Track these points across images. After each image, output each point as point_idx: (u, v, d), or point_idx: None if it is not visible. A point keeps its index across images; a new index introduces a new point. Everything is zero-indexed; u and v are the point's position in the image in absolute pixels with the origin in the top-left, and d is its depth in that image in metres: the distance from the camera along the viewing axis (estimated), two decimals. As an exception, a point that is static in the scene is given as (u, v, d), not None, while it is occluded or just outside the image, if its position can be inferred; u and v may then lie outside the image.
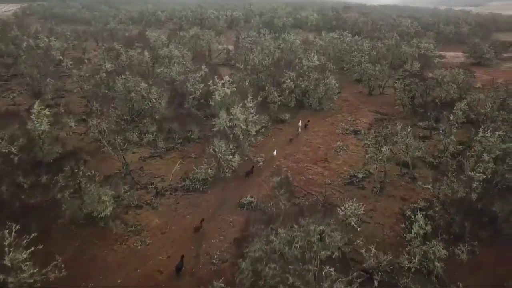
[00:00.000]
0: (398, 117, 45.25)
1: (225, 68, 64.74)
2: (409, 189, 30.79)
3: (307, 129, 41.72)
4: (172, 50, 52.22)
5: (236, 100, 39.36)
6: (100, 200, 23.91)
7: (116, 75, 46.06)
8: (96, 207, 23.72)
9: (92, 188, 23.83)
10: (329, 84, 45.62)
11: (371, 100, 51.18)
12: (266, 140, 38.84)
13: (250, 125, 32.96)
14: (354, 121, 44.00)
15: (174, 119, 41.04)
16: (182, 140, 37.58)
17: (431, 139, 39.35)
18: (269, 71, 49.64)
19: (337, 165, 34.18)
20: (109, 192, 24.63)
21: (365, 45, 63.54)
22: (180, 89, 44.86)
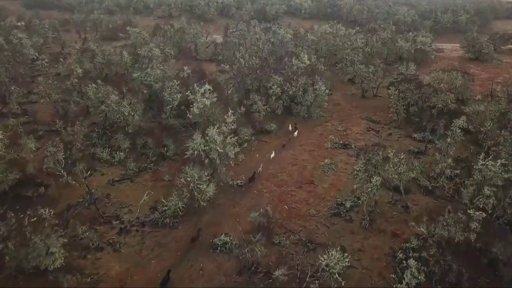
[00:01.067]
0: (391, 126, 41.86)
1: (212, 64, 60.81)
2: (401, 221, 27.62)
3: (293, 140, 38.31)
4: (152, 50, 48.17)
5: (217, 112, 35.93)
6: (48, 252, 20.64)
7: (90, 80, 42.36)
8: (43, 261, 20.46)
9: (38, 240, 20.49)
10: (318, 90, 41.95)
11: (364, 104, 47.63)
12: (248, 156, 35.43)
13: (228, 147, 29.46)
14: (345, 131, 40.54)
15: (150, 132, 37.59)
16: (157, 158, 34.14)
17: (426, 155, 36.02)
18: (255, 74, 45.81)
19: (323, 189, 30.92)
20: (60, 242, 21.36)
21: (359, 40, 59.51)
22: (159, 95, 41.15)
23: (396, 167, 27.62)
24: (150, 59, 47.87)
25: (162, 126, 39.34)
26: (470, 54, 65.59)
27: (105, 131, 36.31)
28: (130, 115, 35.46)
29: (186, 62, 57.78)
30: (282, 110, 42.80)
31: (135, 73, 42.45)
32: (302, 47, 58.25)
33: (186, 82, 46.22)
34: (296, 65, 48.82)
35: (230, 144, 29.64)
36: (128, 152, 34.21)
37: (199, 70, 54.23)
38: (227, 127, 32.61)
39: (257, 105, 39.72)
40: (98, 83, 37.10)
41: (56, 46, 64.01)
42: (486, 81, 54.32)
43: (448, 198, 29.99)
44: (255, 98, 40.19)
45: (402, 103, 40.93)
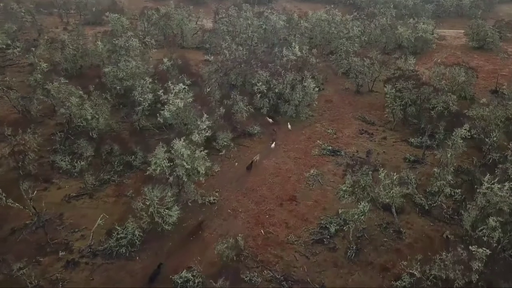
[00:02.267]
0: (386, 128, 37.65)
1: (199, 53, 56.12)
2: (392, 250, 23.85)
3: (277, 144, 34.26)
4: (129, 40, 43.60)
5: (191, 115, 31.79)
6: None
7: (57, 74, 38.07)
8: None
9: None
10: (307, 88, 37.59)
11: (358, 101, 43.27)
12: (226, 165, 31.44)
13: (197, 162, 25.42)
14: (335, 134, 36.35)
15: (119, 135, 33.54)
16: (123, 167, 30.18)
17: (423, 164, 31.98)
18: (240, 68, 41.33)
19: (307, 208, 27.06)
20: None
21: (355, 29, 54.61)
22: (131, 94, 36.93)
23: (387, 190, 23.57)
24: (127, 50, 43.39)
25: (134, 127, 35.21)
26: (474, 42, 60.61)
27: (68, 135, 32.21)
28: (94, 119, 31.29)
29: (171, 51, 53.24)
30: (268, 108, 38.48)
31: (107, 68, 38.01)
32: (294, 35, 53.53)
33: (165, 75, 42.00)
34: (286, 57, 44.46)
35: (200, 158, 25.54)
36: (92, 161, 30.19)
37: (183, 60, 49.66)
38: (200, 135, 28.61)
39: (238, 105, 35.37)
40: (61, 81, 32.82)
41: (35, 32, 59.21)
42: (491, 74, 49.75)
43: (446, 220, 26.15)
44: (236, 98, 35.84)
45: (399, 103, 36.61)
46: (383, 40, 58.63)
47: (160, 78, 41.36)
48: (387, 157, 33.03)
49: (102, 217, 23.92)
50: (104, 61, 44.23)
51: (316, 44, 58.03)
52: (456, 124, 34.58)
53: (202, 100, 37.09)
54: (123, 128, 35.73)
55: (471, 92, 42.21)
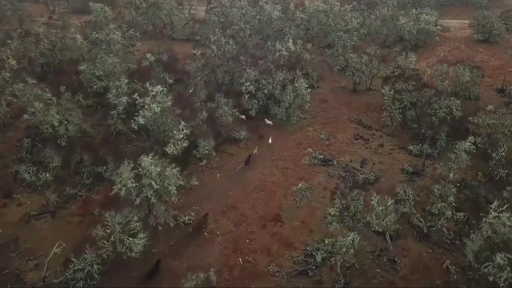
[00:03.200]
0: (384, 133, 34.42)
1: (188, 45, 52.43)
2: (386, 283, 20.93)
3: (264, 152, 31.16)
4: (110, 33, 40.12)
5: (168, 121, 28.62)
6: None
7: (30, 74, 34.92)
8: None
9: None
10: (299, 89, 34.22)
11: (354, 101, 39.90)
12: (207, 177, 28.42)
13: (168, 181, 22.34)
14: (328, 139, 33.15)
15: (91, 142, 30.45)
16: (93, 180, 27.20)
17: (423, 177, 28.88)
18: (227, 65, 37.87)
19: (292, 230, 24.12)
20: None
21: (354, 20, 50.79)
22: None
23: (381, 218, 20.53)
24: (108, 45, 39.97)
25: (110, 131, 32.09)
26: (479, 35, 56.65)
27: (35, 142, 29.13)
28: (62, 125, 28.17)
29: (159, 43, 49.77)
30: (257, 110, 35.18)
31: (83, 65, 34.69)
32: (289, 27, 49.82)
33: (148, 72, 38.68)
34: (279, 52, 40.99)
35: (171, 176, 22.46)
36: (59, 172, 27.14)
37: (170, 54, 46.25)
38: (176, 146, 25.52)
39: (223, 109, 32.08)
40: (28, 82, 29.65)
41: (17, 22, 55.57)
42: (497, 71, 46.11)
43: (447, 247, 23.17)
44: (221, 101, 32.55)
45: (398, 106, 33.27)
46: (384, 32, 54.81)
47: (142, 75, 38.18)
48: (383, 167, 29.91)
49: (58, 244, 20.99)
50: (84, 56, 40.88)
51: (313, 36, 54.38)
52: (460, 131, 31.60)
53: (185, 100, 33.93)
54: (99, 132, 32.67)
55: (476, 92, 38.81)
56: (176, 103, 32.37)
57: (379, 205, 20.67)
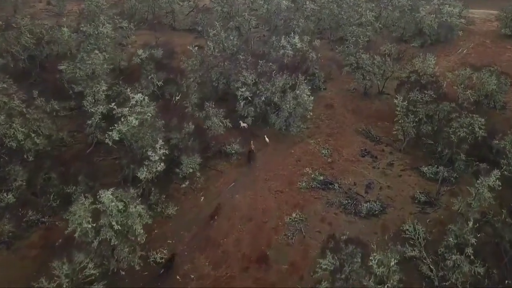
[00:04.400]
0: (395, 148, 29.94)
1: (190, 37, 48.19)
2: None
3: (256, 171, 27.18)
4: (100, 26, 36.08)
5: (147, 136, 24.76)
6: None
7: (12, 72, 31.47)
8: None
9: None
10: (301, 97, 29.82)
11: (364, 107, 35.27)
12: (189, 202, 24.70)
13: (132, 220, 18.65)
14: (331, 155, 28.92)
15: (64, 156, 26.93)
16: (60, 202, 23.73)
17: (437, 207, 24.60)
18: (223, 66, 33.51)
19: (279, 275, 20.38)
20: None
21: (369, 13, 45.44)
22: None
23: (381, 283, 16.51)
24: (96, 39, 35.97)
25: (89, 141, 28.48)
26: (507, 29, 50.66)
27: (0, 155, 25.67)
28: (29, 139, 24.60)
29: (158, 34, 45.66)
30: (254, 118, 31.03)
31: (62, 64, 30.87)
32: (298, 20, 44.93)
33: (139, 71, 34.84)
34: (283, 49, 36.46)
35: (135, 215, 18.74)
36: (24, 192, 23.73)
37: (168, 47, 42.10)
38: (150, 169, 21.75)
39: (212, 121, 27.98)
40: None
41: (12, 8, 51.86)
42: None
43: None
44: (210, 110, 28.43)
45: (412, 120, 28.66)
46: (401, 25, 49.32)
47: (131, 74, 34.44)
48: (391, 193, 25.70)
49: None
50: (72, 50, 37.03)
51: (324, 28, 49.41)
52: (482, 150, 27.08)
53: (173, 106, 30.09)
54: (78, 141, 29.18)
55: (502, 100, 33.85)
56: (162, 110, 28.63)
57: (379, 267, 16.59)
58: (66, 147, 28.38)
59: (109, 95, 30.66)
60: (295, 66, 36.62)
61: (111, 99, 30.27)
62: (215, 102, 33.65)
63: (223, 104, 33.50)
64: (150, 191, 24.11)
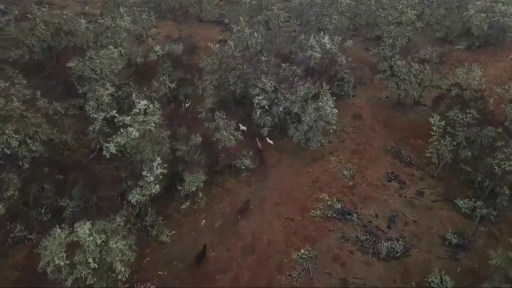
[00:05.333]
0: (427, 174, 26.02)
1: (216, 29, 45.11)
2: None
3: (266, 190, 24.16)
4: (117, 19, 33.61)
5: (147, 150, 22.20)
6: None
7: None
8: None
9: None
10: (323, 109, 26.28)
11: (396, 119, 31.26)
12: (188, 224, 22.09)
13: (111, 257, 16.18)
14: (353, 178, 25.47)
15: (62, 161, 24.88)
16: (52, 216, 21.73)
17: (470, 252, 20.82)
18: (242, 69, 30.24)
19: (277, 327, 17.45)
20: None
21: (410, 11, 40.48)
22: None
23: None
24: (113, 32, 33.61)
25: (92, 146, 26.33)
26: None
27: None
28: (24, 146, 22.60)
29: (182, 27, 42.95)
30: (270, 129, 27.85)
31: (72, 61, 28.66)
32: (331, 16, 40.88)
33: (154, 68, 32.33)
34: (311, 49, 32.78)
35: (116, 251, 16.26)
36: (16, 202, 21.85)
37: (190, 42, 39.40)
38: (144, 192, 19.21)
39: (221, 134, 24.97)
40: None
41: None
42: None
43: None
44: (220, 123, 25.41)
45: (449, 143, 24.58)
46: (447, 24, 44.08)
47: (146, 72, 31.97)
48: (418, 230, 22.11)
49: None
50: (89, 43, 34.88)
51: (360, 24, 45.02)
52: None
53: (183, 112, 27.42)
54: (82, 144, 27.08)
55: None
56: (171, 116, 26.06)
57: None
58: (70, 150, 26.42)
59: (119, 96, 28.43)
60: (322, 70, 33.05)
61: (120, 100, 28.29)
62: (233, 105, 30.98)
63: (240, 108, 30.67)
64: (147, 211, 21.67)
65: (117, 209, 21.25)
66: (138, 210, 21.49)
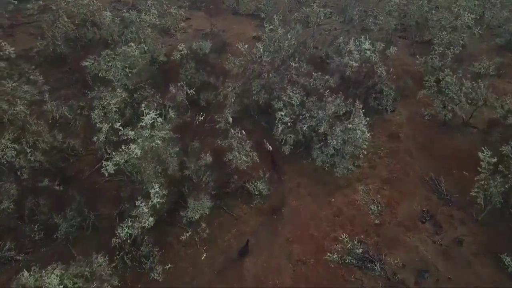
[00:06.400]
0: (468, 217, 21.88)
1: (251, 24, 41.62)
2: None
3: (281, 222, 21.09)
4: (142, 13, 31.00)
5: (148, 172, 19.71)
6: None
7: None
8: None
9: None
10: (353, 132, 22.54)
11: (439, 144, 26.88)
12: (186, 258, 19.51)
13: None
14: (380, 214, 21.83)
15: (65, 170, 22.95)
16: (45, 235, 19.87)
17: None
18: (267, 79, 26.83)
19: None
20: None
21: (467, 16, 34.98)
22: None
23: None
24: (138, 27, 31.14)
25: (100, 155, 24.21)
26: None
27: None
28: (23, 155, 20.72)
29: (214, 20, 39.86)
30: (292, 147, 24.50)
31: (88, 60, 26.47)
32: (376, 17, 36.43)
33: (177, 69, 29.77)
34: (349, 56, 28.86)
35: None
36: (10, 215, 20.14)
37: (219, 39, 36.31)
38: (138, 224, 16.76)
39: (234, 155, 21.87)
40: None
41: None
42: None
43: None
44: (233, 144, 22.26)
45: (499, 185, 20.32)
46: (511, 29, 38.14)
47: (169, 72, 29.43)
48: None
49: None
50: (114, 36, 32.65)
51: (409, 24, 40.00)
52: None
53: (197, 125, 24.68)
54: (89, 151, 25.00)
55: None
56: (185, 127, 23.42)
57: None
58: (77, 156, 24.41)
59: (134, 100, 26.09)
60: (359, 81, 29.09)
61: (134, 105, 25.92)
62: (256, 114, 27.89)
63: (265, 118, 27.50)
64: (143, 240, 19.27)
65: (114, 231, 19.01)
66: (134, 237, 19.13)
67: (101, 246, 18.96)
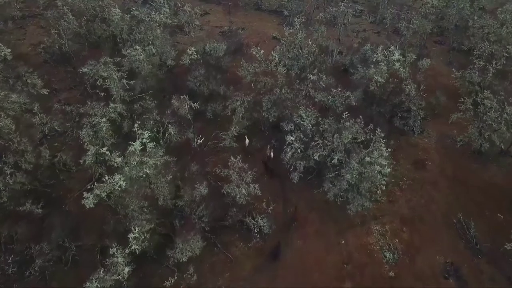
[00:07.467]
0: (501, 273, 18.35)
1: (273, 22, 38.17)
2: None
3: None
4: (152, 11, 28.12)
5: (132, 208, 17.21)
6: None
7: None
8: None
9: None
10: (370, 168, 19.14)
11: (470, 176, 23.12)
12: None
13: None
14: (396, 264, 18.59)
15: (51, 192, 20.74)
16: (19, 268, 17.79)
17: None
18: (278, 95, 23.56)
19: None
20: None
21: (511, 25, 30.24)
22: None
23: None
24: (147, 28, 28.32)
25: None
26: None
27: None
28: (1, 177, 18.59)
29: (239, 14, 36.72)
30: (302, 175, 21.33)
31: (86, 66, 23.94)
32: (410, 20, 32.23)
33: (185, 74, 27.03)
34: (375, 67, 25.23)
35: None
36: (-12, 242, 18.22)
37: (237, 39, 33.12)
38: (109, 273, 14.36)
39: (231, 188, 18.92)
40: None
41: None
42: None
43: None
44: (233, 174, 19.29)
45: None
46: None
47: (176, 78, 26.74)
48: None
49: None
50: (123, 35, 29.97)
51: (446, 28, 35.50)
52: None
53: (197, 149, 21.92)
54: (82, 168, 22.61)
55: None
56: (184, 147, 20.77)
57: None
58: (68, 172, 22.16)
59: (133, 111, 23.54)
60: (384, 98, 25.45)
61: (134, 116, 23.37)
62: (266, 130, 24.88)
63: (276, 134, 24.40)
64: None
65: (94, 267, 16.76)
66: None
67: (80, 283, 16.71)
